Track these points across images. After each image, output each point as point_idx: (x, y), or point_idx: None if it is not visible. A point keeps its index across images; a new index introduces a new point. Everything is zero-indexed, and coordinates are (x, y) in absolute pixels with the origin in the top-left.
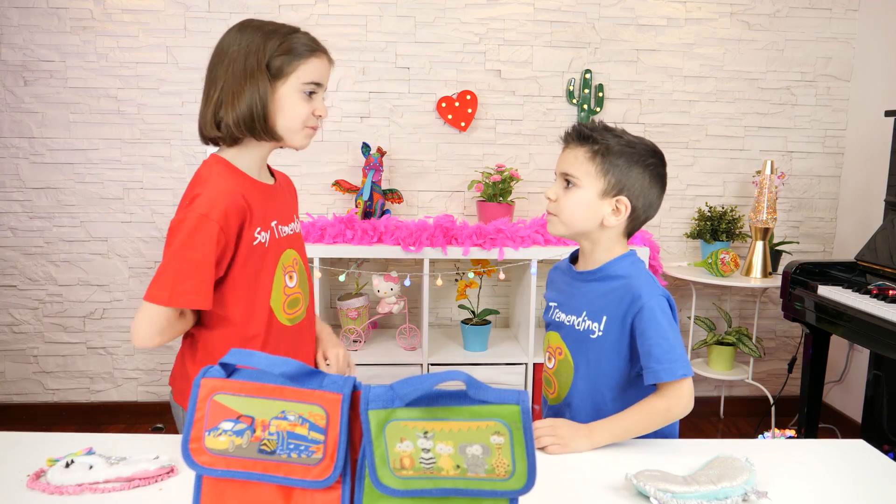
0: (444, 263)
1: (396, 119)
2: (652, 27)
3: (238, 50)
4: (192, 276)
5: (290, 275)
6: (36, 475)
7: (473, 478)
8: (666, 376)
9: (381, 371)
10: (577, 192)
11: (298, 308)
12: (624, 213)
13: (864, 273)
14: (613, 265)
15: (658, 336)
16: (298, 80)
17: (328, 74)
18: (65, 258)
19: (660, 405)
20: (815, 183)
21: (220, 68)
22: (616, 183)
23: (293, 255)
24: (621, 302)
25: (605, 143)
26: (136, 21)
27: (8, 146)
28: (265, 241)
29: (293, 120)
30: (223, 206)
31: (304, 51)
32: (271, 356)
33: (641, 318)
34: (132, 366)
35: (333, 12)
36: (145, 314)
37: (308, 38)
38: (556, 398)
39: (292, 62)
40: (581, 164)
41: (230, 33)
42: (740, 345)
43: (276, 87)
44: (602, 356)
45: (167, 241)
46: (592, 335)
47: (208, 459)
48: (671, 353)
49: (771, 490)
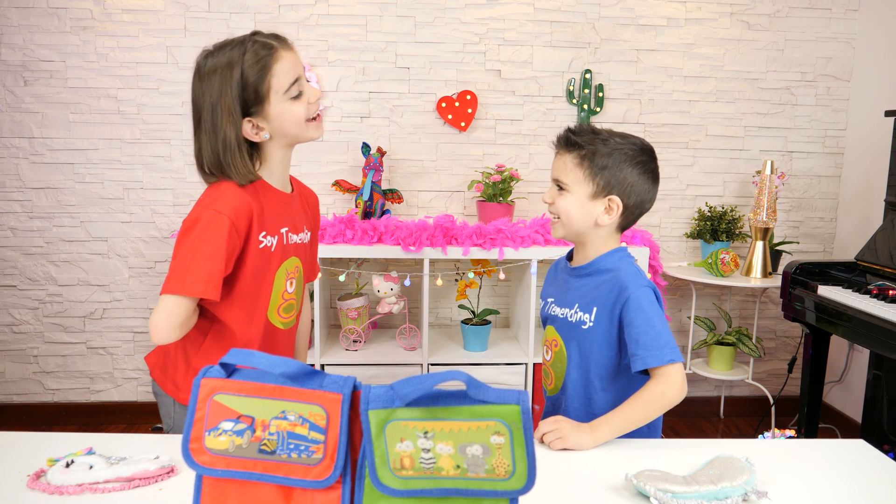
0: (444, 263)
1: (396, 119)
2: (652, 27)
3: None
4: (204, 266)
5: (290, 280)
6: (36, 475)
7: (473, 478)
8: (654, 361)
9: (381, 371)
10: (569, 197)
11: (292, 313)
12: (616, 212)
13: (864, 273)
14: (603, 260)
15: (645, 324)
16: (279, 93)
17: (298, 62)
18: (65, 258)
19: (654, 391)
20: (815, 183)
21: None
22: (605, 185)
23: (296, 262)
24: (610, 293)
25: (590, 148)
26: (136, 21)
27: (8, 146)
28: (271, 246)
29: (296, 125)
30: (234, 205)
31: (267, 62)
32: (271, 356)
33: (628, 308)
34: (132, 366)
35: (333, 12)
36: (164, 308)
37: (259, 45)
38: (553, 389)
39: (263, 82)
40: (570, 171)
41: (193, 84)
42: (740, 345)
43: (265, 111)
44: (593, 346)
45: (179, 238)
46: (584, 326)
47: (208, 459)
48: (658, 340)
49: (771, 490)
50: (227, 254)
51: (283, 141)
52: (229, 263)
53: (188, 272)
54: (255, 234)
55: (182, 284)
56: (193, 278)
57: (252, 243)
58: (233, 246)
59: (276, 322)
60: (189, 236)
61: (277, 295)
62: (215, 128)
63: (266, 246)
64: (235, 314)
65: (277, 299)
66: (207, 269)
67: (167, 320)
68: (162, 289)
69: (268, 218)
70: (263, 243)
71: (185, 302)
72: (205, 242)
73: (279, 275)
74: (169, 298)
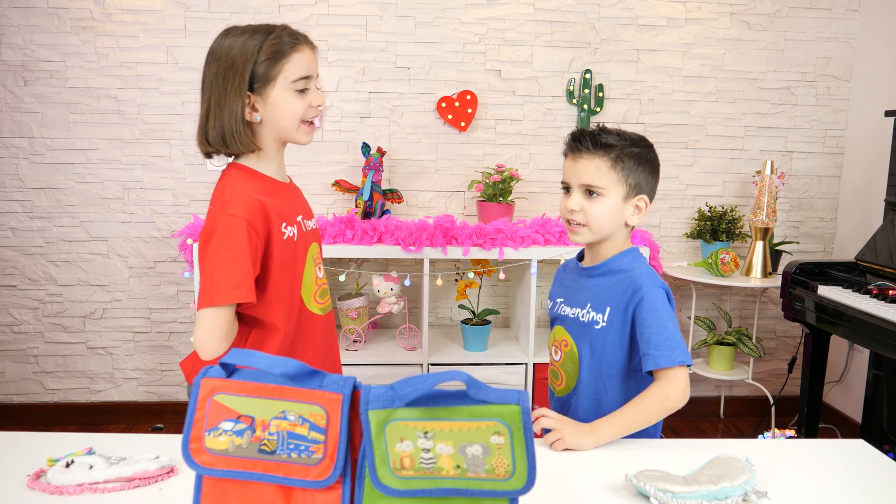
0: (444, 263)
1: (396, 119)
2: (652, 27)
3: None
4: (232, 272)
5: (318, 266)
6: (36, 475)
7: (473, 478)
8: (665, 362)
9: (381, 371)
10: (604, 202)
11: (327, 298)
12: (644, 212)
13: (864, 273)
14: (617, 260)
15: (657, 325)
16: (287, 80)
17: (315, 63)
18: (65, 258)
19: (658, 394)
20: (815, 183)
21: (207, 80)
22: (635, 185)
23: (317, 247)
24: (624, 293)
25: (619, 148)
26: (136, 21)
27: (8, 146)
28: (294, 236)
29: (290, 118)
30: (246, 205)
31: (286, 49)
32: (271, 356)
33: (642, 308)
34: (132, 366)
35: (333, 12)
36: (205, 323)
37: (287, 33)
38: (563, 389)
39: (276, 65)
40: (604, 174)
41: (216, 41)
42: (740, 345)
43: (266, 94)
44: (606, 346)
45: (201, 252)
46: (597, 326)
47: (208, 459)
48: (670, 341)
49: (771, 490)
50: (251, 254)
51: (272, 132)
52: (256, 263)
53: (218, 281)
54: (275, 227)
55: (215, 295)
56: (225, 286)
57: (275, 237)
58: (255, 245)
59: (314, 309)
60: (209, 247)
61: (311, 282)
62: (225, 90)
63: (289, 236)
64: (276, 311)
65: (312, 286)
66: (237, 273)
67: (211, 335)
68: (197, 304)
69: (283, 209)
70: (287, 234)
71: (223, 311)
72: (227, 248)
73: (308, 262)
74: (207, 312)
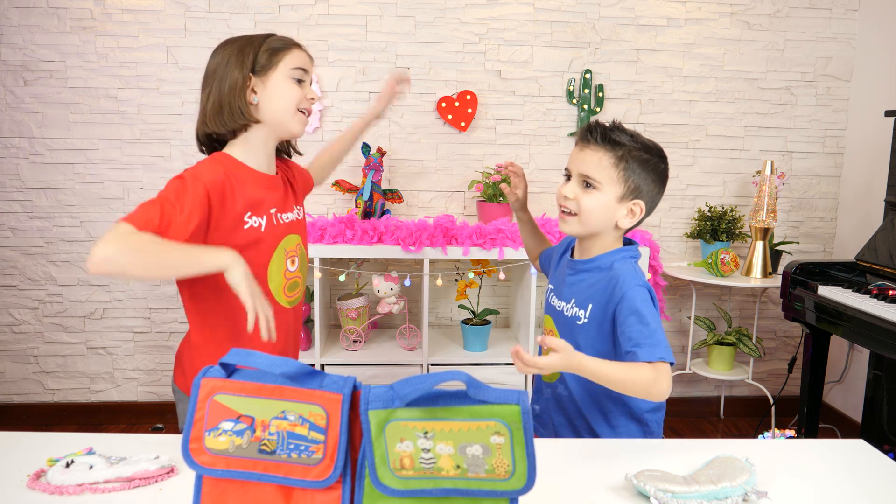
0: (444, 263)
1: (396, 119)
2: (652, 27)
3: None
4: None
5: (291, 259)
6: (36, 475)
7: (473, 478)
8: (645, 356)
9: (381, 371)
10: (597, 195)
11: (297, 291)
12: (637, 217)
13: (864, 273)
14: (604, 258)
15: (638, 323)
16: (287, 67)
17: (311, 65)
18: (65, 258)
19: (648, 375)
20: (815, 183)
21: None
22: (634, 188)
23: (297, 240)
24: (605, 291)
25: (627, 147)
26: (136, 21)
27: (8, 146)
28: (260, 227)
29: (287, 102)
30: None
31: (287, 45)
32: (271, 356)
33: (622, 306)
34: (132, 366)
35: (333, 12)
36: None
37: (283, 37)
38: (550, 377)
39: (277, 54)
40: (604, 169)
41: (214, 53)
42: (740, 345)
43: (266, 78)
44: (588, 342)
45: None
46: (579, 321)
47: (208, 459)
48: (651, 338)
49: (771, 490)
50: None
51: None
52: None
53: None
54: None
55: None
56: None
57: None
58: (207, 205)
59: (281, 301)
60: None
61: (279, 274)
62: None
63: (252, 226)
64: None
65: (280, 279)
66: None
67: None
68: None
69: (253, 197)
70: (249, 223)
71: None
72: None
73: (277, 254)
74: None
